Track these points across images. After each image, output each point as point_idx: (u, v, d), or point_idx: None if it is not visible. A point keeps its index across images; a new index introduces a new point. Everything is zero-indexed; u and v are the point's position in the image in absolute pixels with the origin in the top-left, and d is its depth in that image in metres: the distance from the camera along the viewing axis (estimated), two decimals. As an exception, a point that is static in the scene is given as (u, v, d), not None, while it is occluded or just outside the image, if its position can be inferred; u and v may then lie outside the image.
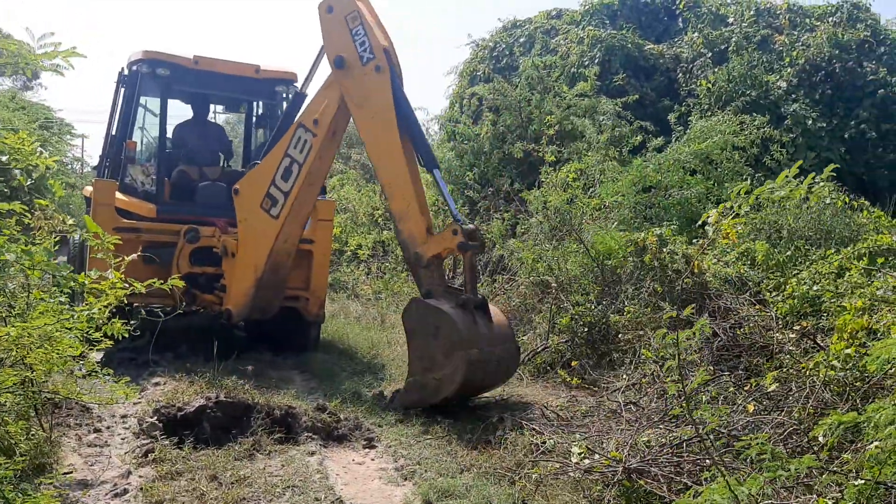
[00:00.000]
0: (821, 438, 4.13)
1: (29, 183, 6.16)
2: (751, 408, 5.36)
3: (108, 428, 6.22)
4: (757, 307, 8.14)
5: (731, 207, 9.86)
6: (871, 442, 3.33)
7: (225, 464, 5.36)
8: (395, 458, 5.92)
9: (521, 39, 18.84)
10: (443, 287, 7.13)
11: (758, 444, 3.22)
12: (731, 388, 6.00)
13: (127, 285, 3.86)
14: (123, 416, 6.49)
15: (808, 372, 5.21)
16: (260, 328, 10.06)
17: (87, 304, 3.91)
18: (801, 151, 13.33)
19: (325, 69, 8.10)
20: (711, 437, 4.44)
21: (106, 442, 5.90)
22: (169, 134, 10.20)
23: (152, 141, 10.73)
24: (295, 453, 5.82)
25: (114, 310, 4.07)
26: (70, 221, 3.87)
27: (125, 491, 4.87)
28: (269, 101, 10.46)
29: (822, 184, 9.86)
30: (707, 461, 4.86)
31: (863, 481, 3.31)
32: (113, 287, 3.79)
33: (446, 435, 6.35)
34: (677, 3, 17.67)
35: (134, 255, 4.40)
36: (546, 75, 15.66)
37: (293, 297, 9.46)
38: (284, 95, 10.32)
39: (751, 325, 7.58)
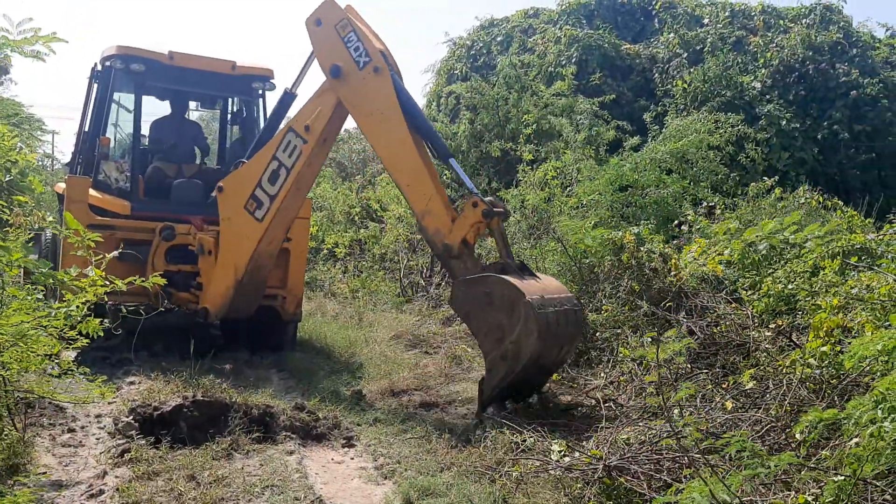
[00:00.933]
0: (798, 435, 4.17)
1: (7, 179, 6.00)
2: (729, 405, 5.41)
3: (82, 428, 6.12)
4: (733, 306, 8.21)
5: (713, 244, 9.47)
6: (851, 439, 3.37)
7: (203, 464, 5.29)
8: (374, 456, 5.89)
9: (499, 38, 18.84)
10: (478, 269, 6.86)
11: (738, 441, 3.23)
12: (710, 386, 6.05)
13: (107, 282, 3.78)
14: (98, 416, 6.40)
15: (784, 370, 5.26)
16: (236, 327, 9.97)
17: (64, 302, 3.83)
18: (776, 151, 13.48)
19: (315, 73, 8.06)
20: (689, 436, 4.46)
21: (80, 442, 5.81)
22: (144, 130, 10.08)
23: (125, 137, 10.60)
24: (273, 452, 5.76)
25: (91, 307, 3.99)
26: (50, 218, 3.75)
27: (101, 491, 4.80)
28: (246, 97, 10.36)
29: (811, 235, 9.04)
30: (686, 459, 4.90)
31: (842, 478, 3.34)
32: (93, 284, 3.71)
33: (426, 434, 6.33)
34: (653, 3, 17.77)
35: (115, 253, 4.30)
36: (523, 74, 15.69)
37: (270, 296, 9.40)
38: (261, 92, 10.25)
39: (727, 323, 7.65)
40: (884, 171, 14.16)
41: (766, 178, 12.28)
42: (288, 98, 8.68)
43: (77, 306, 3.69)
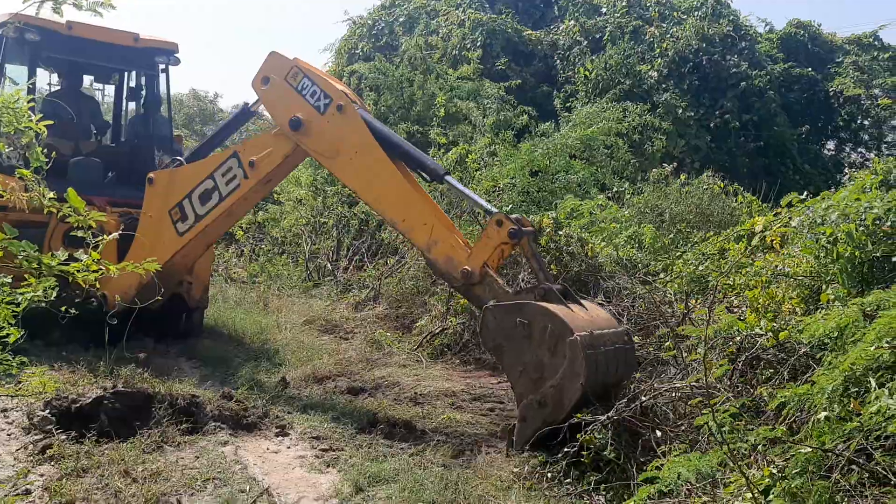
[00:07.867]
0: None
1: (9, 149, 5.38)
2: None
3: (-12, 424, 5.65)
4: (647, 287, 8.48)
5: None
6: (819, 412, 3.50)
7: (134, 458, 4.98)
8: (311, 445, 5.70)
9: (401, 19, 18.69)
10: (511, 291, 5.96)
11: (725, 414, 3.29)
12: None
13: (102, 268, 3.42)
14: (3, 411, 5.92)
15: (721, 343, 5.40)
16: (138, 314, 9.44)
17: (26, 286, 3.46)
18: (672, 139, 14.00)
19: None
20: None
21: (-11, 439, 5.36)
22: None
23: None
24: (206, 444, 5.49)
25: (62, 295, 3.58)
26: (51, 195, 3.31)
27: (28, 491, 4.42)
28: (149, 71, 9.80)
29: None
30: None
31: (809, 449, 3.47)
32: (85, 270, 3.35)
33: (361, 420, 6.20)
34: (553, -10, 18.08)
35: (115, 234, 3.90)
36: (428, 56, 15.62)
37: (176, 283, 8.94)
38: (163, 67, 9.73)
39: (645, 302, 7.89)
40: (768, 159, 14.99)
41: (664, 164, 12.74)
42: (247, 114, 8.23)
43: (44, 290, 3.32)
